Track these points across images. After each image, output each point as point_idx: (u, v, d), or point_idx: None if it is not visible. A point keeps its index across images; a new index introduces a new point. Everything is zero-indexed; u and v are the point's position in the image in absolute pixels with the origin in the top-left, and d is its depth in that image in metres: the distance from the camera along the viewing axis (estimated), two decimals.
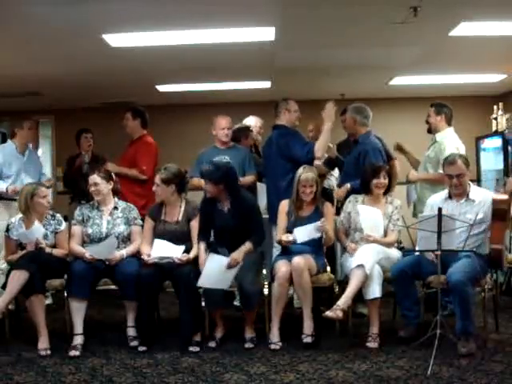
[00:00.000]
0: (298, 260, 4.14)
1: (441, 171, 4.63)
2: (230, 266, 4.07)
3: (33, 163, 5.53)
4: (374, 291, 4.08)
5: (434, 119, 4.95)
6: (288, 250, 4.39)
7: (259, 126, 5.81)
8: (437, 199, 4.26)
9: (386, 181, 4.48)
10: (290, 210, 4.47)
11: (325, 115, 4.74)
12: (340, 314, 3.93)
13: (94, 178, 4.50)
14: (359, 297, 4.20)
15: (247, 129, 5.55)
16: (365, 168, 4.55)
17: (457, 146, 4.80)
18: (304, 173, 4.37)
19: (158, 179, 4.41)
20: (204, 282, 4.06)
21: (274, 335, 4.13)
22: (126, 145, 5.79)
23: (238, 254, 4.14)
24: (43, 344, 4.03)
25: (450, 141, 4.84)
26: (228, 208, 4.32)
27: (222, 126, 5.13)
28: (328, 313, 3.94)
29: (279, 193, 4.73)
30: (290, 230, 4.38)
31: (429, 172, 4.93)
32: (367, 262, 4.07)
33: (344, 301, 3.99)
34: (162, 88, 6.88)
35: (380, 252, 4.23)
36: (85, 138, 6.02)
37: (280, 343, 4.08)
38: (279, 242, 4.45)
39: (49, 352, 4.01)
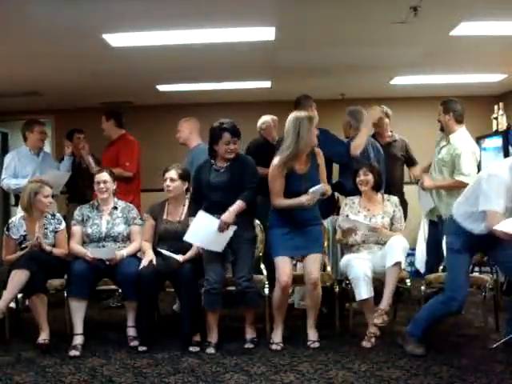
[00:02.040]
0: (314, 276, 4.05)
1: (458, 178, 4.64)
2: (221, 229, 4.03)
3: (48, 164, 5.57)
4: (360, 293, 4.07)
5: (443, 118, 4.86)
6: (289, 244, 4.12)
7: (273, 124, 5.68)
8: None
9: (368, 177, 4.44)
10: (285, 167, 4.07)
11: (366, 119, 4.84)
12: (386, 317, 4.00)
13: (104, 175, 4.51)
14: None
15: None
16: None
17: (473, 150, 4.75)
18: (305, 116, 4.06)
19: (174, 174, 4.40)
20: (190, 237, 4.11)
21: (277, 336, 4.12)
22: (105, 146, 5.85)
23: (228, 216, 4.04)
24: (43, 336, 4.06)
25: (465, 145, 4.75)
26: (226, 165, 4.20)
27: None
28: (376, 321, 3.98)
29: None
30: (292, 190, 4.05)
31: (444, 175, 4.80)
32: (403, 260, 4.10)
33: (386, 303, 4.02)
34: (161, 88, 6.88)
35: (406, 248, 4.22)
36: (77, 138, 6.01)
37: (281, 344, 4.07)
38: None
39: (47, 341, 4.04)
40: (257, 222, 4.57)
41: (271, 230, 4.24)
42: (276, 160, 4.09)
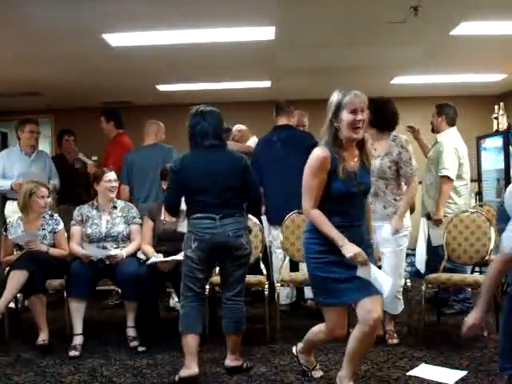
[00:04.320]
0: (378, 315, 3.00)
1: (440, 173, 4.76)
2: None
3: (39, 165, 5.45)
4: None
5: (436, 120, 5.03)
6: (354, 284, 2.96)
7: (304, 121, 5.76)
8: None
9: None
10: (335, 164, 2.94)
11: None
12: (396, 336, 4.01)
13: (113, 174, 4.51)
14: None
15: (227, 130, 5.59)
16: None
17: (455, 146, 4.84)
18: (351, 95, 3.05)
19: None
20: None
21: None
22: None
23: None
24: (43, 337, 4.07)
25: (449, 141, 4.88)
26: None
27: None
28: (391, 341, 3.97)
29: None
30: (340, 190, 2.94)
31: (432, 173, 4.94)
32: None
33: (392, 325, 4.06)
34: (161, 88, 6.88)
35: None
36: (66, 140, 6.04)
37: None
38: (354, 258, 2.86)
39: (47, 342, 4.04)
40: (255, 220, 4.58)
41: (321, 260, 2.99)
42: (321, 151, 2.99)
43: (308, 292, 4.98)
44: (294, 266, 4.94)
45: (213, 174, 3.54)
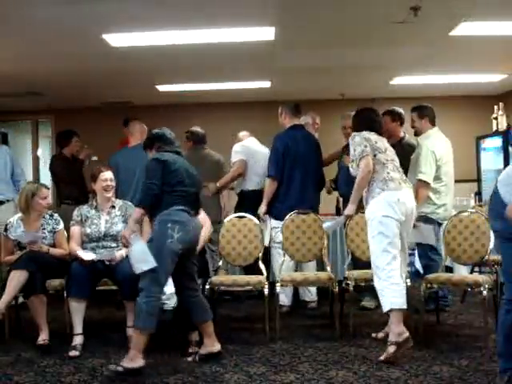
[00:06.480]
0: None
1: (417, 177, 4.59)
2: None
3: None
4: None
5: (419, 123, 4.83)
6: None
7: (317, 121, 5.74)
8: None
9: None
10: None
11: None
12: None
13: (110, 173, 4.50)
14: (366, 289, 4.22)
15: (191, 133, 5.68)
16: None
17: (432, 149, 4.64)
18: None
19: None
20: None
21: None
22: None
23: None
24: (43, 336, 4.07)
25: (427, 144, 4.70)
26: None
27: None
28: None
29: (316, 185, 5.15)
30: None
31: (412, 174, 4.70)
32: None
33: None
34: (161, 88, 6.88)
35: None
36: (76, 141, 6.02)
37: None
38: None
39: (47, 342, 4.04)
40: (255, 220, 4.57)
41: None
42: None
43: (302, 293, 4.99)
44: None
45: (193, 173, 3.82)
